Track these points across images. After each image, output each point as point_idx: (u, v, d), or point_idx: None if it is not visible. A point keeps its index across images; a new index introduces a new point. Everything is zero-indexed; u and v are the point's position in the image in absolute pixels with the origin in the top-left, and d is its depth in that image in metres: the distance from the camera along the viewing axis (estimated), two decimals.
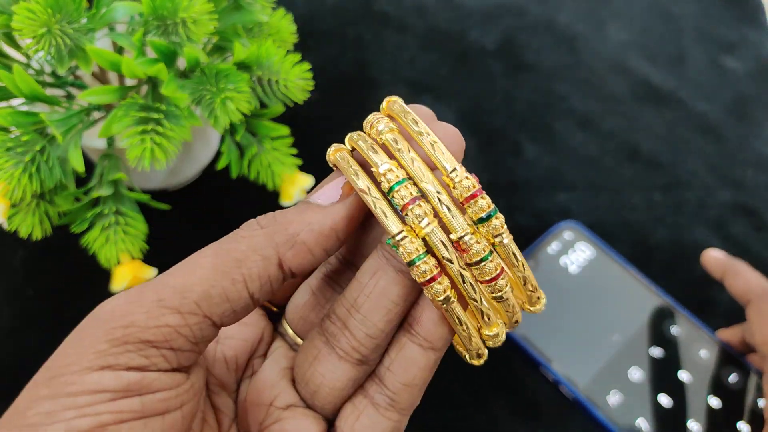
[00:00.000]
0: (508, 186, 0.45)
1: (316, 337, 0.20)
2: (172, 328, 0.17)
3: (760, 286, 0.34)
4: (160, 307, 0.17)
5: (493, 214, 0.18)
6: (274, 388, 0.21)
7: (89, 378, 0.16)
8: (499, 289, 0.18)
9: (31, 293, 0.39)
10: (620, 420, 0.35)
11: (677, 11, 0.56)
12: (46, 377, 0.17)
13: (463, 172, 0.18)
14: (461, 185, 0.18)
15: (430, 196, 0.18)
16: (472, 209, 0.18)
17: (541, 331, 0.38)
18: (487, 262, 0.18)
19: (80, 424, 0.15)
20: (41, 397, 0.16)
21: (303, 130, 0.39)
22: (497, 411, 0.37)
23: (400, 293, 0.19)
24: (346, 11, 0.55)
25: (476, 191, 0.18)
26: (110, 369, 0.16)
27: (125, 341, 0.16)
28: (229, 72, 0.31)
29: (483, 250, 0.18)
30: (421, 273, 0.18)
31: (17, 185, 0.29)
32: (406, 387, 0.19)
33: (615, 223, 0.44)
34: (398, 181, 0.18)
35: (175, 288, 0.17)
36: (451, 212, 0.18)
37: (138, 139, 0.29)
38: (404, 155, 0.18)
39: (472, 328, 0.19)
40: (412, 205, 0.18)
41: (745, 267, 0.36)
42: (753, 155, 0.48)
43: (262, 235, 0.18)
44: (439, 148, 0.18)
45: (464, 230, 0.18)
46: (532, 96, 0.50)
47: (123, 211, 0.33)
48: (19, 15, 0.27)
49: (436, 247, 0.18)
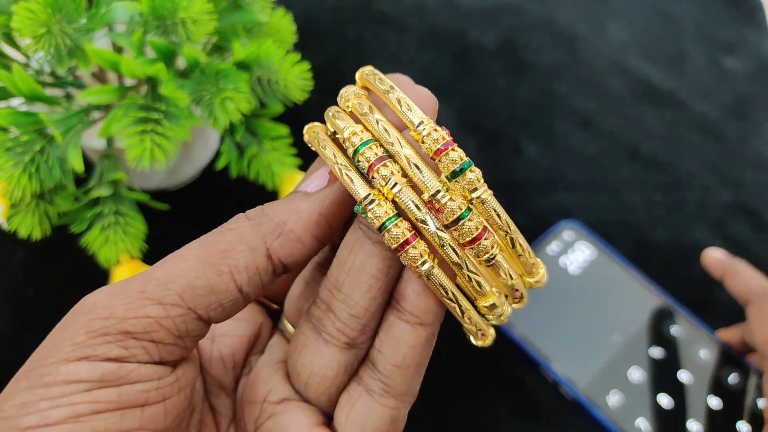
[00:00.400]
0: (508, 186, 0.45)
1: (304, 324, 0.19)
2: (153, 319, 0.16)
3: (760, 286, 0.34)
4: (141, 298, 0.16)
5: (467, 166, 0.16)
6: (268, 383, 0.20)
7: (64, 369, 0.16)
8: (484, 250, 0.16)
9: (30, 293, 0.39)
10: (620, 420, 0.35)
11: (677, 11, 0.56)
12: (25, 370, 0.16)
13: (431, 124, 0.16)
14: (430, 138, 0.16)
15: (396, 156, 0.16)
16: (443, 163, 0.16)
17: (541, 331, 0.38)
18: (465, 220, 0.16)
19: (54, 414, 0.15)
20: (19, 390, 0.16)
21: (303, 130, 0.39)
22: (497, 411, 0.37)
23: (379, 266, 0.18)
24: (346, 11, 0.55)
25: (446, 143, 0.16)
26: (87, 360, 0.16)
27: (104, 332, 0.16)
28: (229, 72, 0.31)
29: (459, 208, 0.16)
30: (393, 237, 0.16)
31: (17, 185, 0.29)
32: (398, 368, 0.18)
33: (615, 223, 0.44)
34: (362, 143, 0.16)
35: (158, 279, 0.17)
36: (420, 170, 0.16)
37: (137, 139, 0.29)
38: (369, 117, 0.17)
39: (461, 299, 0.17)
40: (378, 165, 0.16)
41: (746, 267, 0.36)
42: (753, 155, 0.48)
43: (248, 226, 0.18)
44: (405, 103, 0.17)
45: (435, 187, 0.16)
46: (532, 96, 0.50)
47: (122, 211, 0.33)
48: (19, 15, 0.27)
49: (408, 208, 0.16)
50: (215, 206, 0.43)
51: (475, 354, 0.38)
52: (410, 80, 0.18)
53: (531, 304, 0.39)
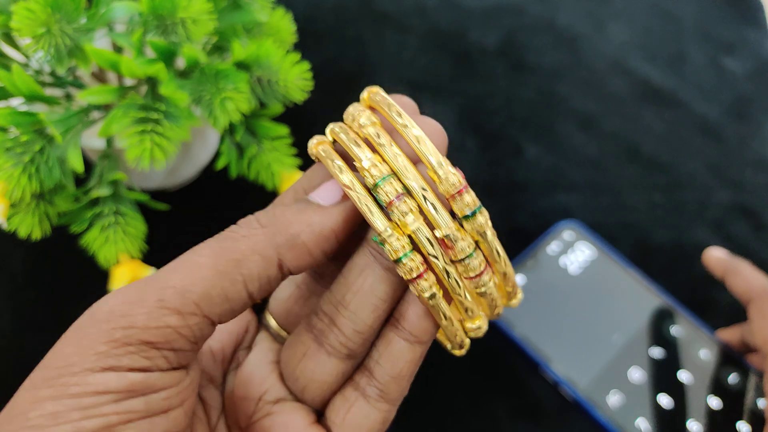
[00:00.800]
0: (508, 186, 0.45)
1: (303, 333, 0.20)
2: (173, 329, 0.17)
3: (761, 286, 0.34)
4: (160, 308, 0.17)
5: (478, 210, 0.18)
6: (264, 383, 0.21)
7: (92, 379, 0.16)
8: (483, 284, 0.18)
9: (30, 293, 0.39)
10: (620, 420, 0.35)
11: (677, 11, 0.56)
12: (45, 377, 0.17)
13: (448, 166, 0.18)
14: (447, 181, 0.18)
15: (414, 193, 0.18)
16: (457, 205, 0.18)
17: (541, 331, 0.38)
18: (472, 259, 0.18)
19: (87, 425, 0.16)
20: (43, 398, 0.16)
21: (302, 130, 0.39)
22: (497, 411, 0.37)
23: (387, 290, 0.19)
24: (346, 11, 0.55)
25: (462, 187, 0.18)
26: (113, 370, 0.16)
27: (126, 342, 0.16)
28: (229, 72, 0.31)
29: (468, 248, 0.18)
30: (407, 270, 0.18)
31: (16, 185, 0.29)
32: (394, 379, 0.20)
33: (615, 224, 0.44)
34: (383, 177, 0.18)
35: (175, 288, 0.17)
36: (437, 210, 0.18)
37: (137, 139, 0.29)
38: (387, 150, 0.18)
39: (456, 322, 0.19)
40: (398, 202, 0.18)
41: (747, 266, 0.36)
42: (753, 156, 0.48)
43: (262, 235, 0.18)
44: (424, 141, 0.18)
45: (449, 228, 0.18)
46: (533, 96, 0.50)
47: (122, 211, 0.33)
48: (19, 15, 0.27)
49: (422, 244, 0.18)
50: (215, 206, 0.43)
51: (475, 354, 0.38)
52: (414, 105, 0.19)
53: (531, 305, 0.39)
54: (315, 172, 0.20)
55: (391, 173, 0.18)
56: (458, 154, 0.46)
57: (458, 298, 0.19)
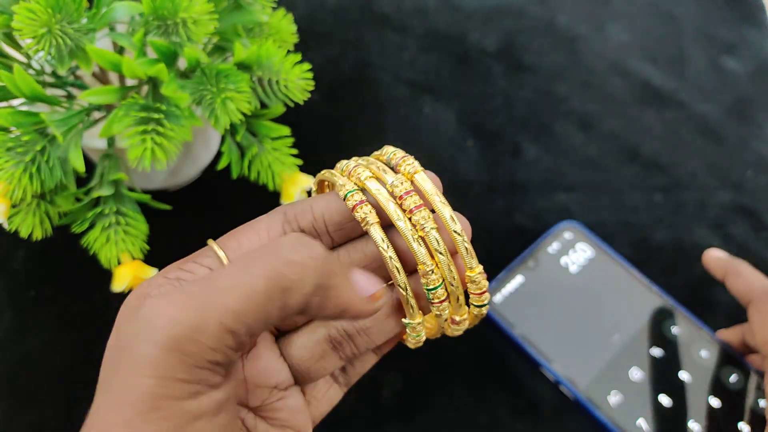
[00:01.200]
0: (508, 186, 0.45)
1: (323, 342, 0.24)
2: (232, 349, 0.19)
3: (762, 286, 0.34)
4: (223, 332, 0.18)
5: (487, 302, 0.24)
6: (278, 375, 0.24)
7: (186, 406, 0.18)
8: None
9: (31, 293, 0.39)
10: (620, 420, 0.35)
11: (677, 12, 0.56)
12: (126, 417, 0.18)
13: (483, 275, 0.23)
14: (477, 285, 0.23)
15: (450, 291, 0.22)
16: (474, 297, 0.23)
17: (541, 331, 0.38)
18: None
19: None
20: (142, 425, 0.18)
21: (303, 131, 0.39)
22: (497, 411, 0.37)
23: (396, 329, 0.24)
24: (347, 12, 0.55)
25: (485, 290, 0.23)
26: (197, 396, 0.18)
27: (198, 366, 0.18)
28: (230, 72, 0.31)
29: None
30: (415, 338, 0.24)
31: (18, 185, 0.29)
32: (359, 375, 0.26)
33: (615, 224, 0.44)
34: (437, 285, 0.22)
35: (235, 313, 0.18)
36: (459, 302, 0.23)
37: (138, 139, 0.29)
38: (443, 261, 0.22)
39: None
40: (438, 301, 0.22)
41: (747, 267, 0.36)
42: (753, 156, 0.48)
43: (312, 270, 0.20)
44: (469, 250, 0.22)
45: None
46: (533, 97, 0.50)
47: (123, 211, 0.33)
48: (20, 15, 0.27)
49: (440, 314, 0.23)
50: (216, 206, 0.43)
51: (476, 354, 0.38)
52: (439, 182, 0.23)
53: (531, 305, 0.39)
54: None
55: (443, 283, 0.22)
56: (458, 155, 0.46)
57: None
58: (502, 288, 0.40)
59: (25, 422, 0.35)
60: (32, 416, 0.35)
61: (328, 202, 0.23)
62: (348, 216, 0.23)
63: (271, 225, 0.23)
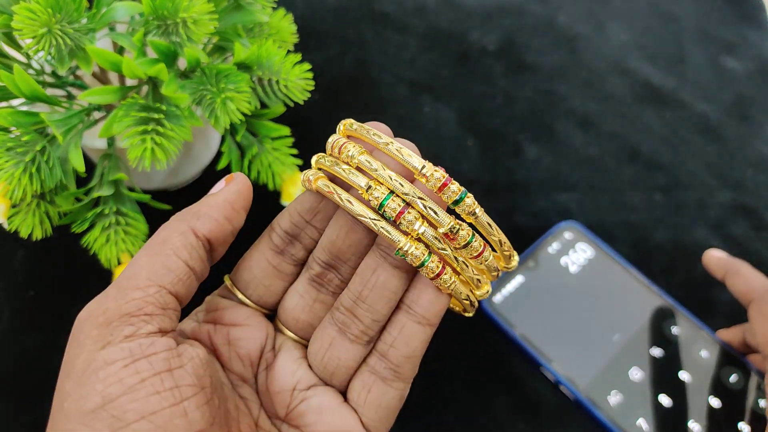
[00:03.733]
0: (508, 186, 0.45)
1: (328, 327, 0.24)
2: (139, 300, 0.20)
3: (762, 286, 0.34)
4: (122, 290, 0.21)
5: (464, 195, 0.21)
6: (295, 375, 0.24)
7: (99, 356, 0.19)
8: (485, 259, 0.22)
9: (31, 293, 0.39)
10: (621, 420, 0.35)
11: (677, 11, 0.56)
12: (62, 377, 0.20)
13: (430, 166, 0.21)
14: (433, 177, 0.21)
15: (414, 204, 0.21)
16: (446, 195, 0.21)
17: (542, 331, 0.38)
18: (473, 242, 0.21)
19: (112, 390, 0.19)
20: (68, 390, 0.19)
21: (303, 131, 0.39)
22: (498, 411, 0.37)
23: (398, 284, 0.23)
24: (347, 11, 0.55)
25: (446, 180, 0.21)
26: (110, 345, 0.20)
27: (109, 322, 0.20)
28: (230, 72, 0.31)
29: (467, 235, 0.21)
30: (430, 270, 0.21)
31: (17, 185, 0.29)
32: (408, 359, 0.23)
33: (615, 224, 0.44)
34: (385, 196, 0.21)
35: (127, 277, 0.21)
36: (436, 212, 0.21)
37: (138, 139, 0.29)
38: (382, 173, 0.21)
39: (472, 296, 0.23)
40: (404, 214, 0.21)
41: (747, 267, 0.36)
42: (753, 155, 0.48)
43: (175, 220, 0.23)
44: (405, 152, 0.21)
45: (449, 223, 0.21)
46: (533, 96, 0.50)
47: (123, 211, 0.33)
48: (20, 15, 0.27)
49: (432, 243, 0.21)
50: None
51: (476, 353, 0.38)
52: (389, 129, 0.23)
53: (531, 305, 0.39)
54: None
55: (390, 191, 0.21)
56: (458, 154, 0.46)
57: (468, 277, 0.22)
58: (502, 288, 0.40)
59: (25, 422, 0.35)
60: (32, 416, 0.35)
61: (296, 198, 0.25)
62: (317, 199, 0.24)
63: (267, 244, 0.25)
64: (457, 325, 0.39)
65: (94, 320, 0.20)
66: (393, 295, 0.23)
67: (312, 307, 0.25)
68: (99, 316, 0.20)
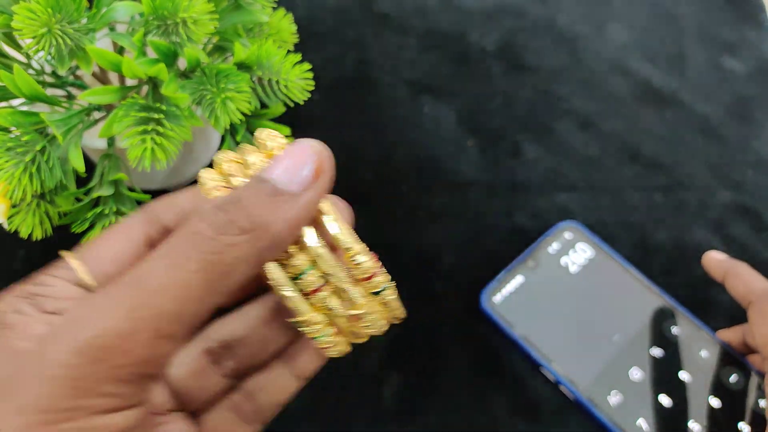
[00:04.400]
0: (508, 186, 0.45)
1: (200, 357, 0.22)
2: (166, 353, 0.17)
3: (761, 288, 0.34)
4: (157, 338, 0.16)
5: (387, 288, 0.20)
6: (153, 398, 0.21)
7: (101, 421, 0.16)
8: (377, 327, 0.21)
9: None
10: (621, 420, 0.35)
11: (678, 12, 0.56)
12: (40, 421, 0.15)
13: (363, 253, 0.19)
14: (361, 267, 0.20)
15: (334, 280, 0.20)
16: (371, 284, 0.20)
17: (542, 331, 0.38)
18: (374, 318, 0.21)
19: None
20: None
21: (303, 131, 0.39)
22: (497, 411, 0.37)
23: (286, 342, 0.22)
24: (347, 11, 0.55)
25: (374, 272, 0.20)
26: (119, 412, 0.16)
27: (128, 380, 0.16)
28: (230, 72, 0.31)
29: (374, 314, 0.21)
30: (326, 342, 0.21)
31: (17, 185, 0.29)
32: (276, 406, 0.22)
33: (615, 224, 0.44)
34: (306, 267, 0.19)
35: (170, 316, 0.16)
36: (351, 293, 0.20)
37: (138, 139, 0.29)
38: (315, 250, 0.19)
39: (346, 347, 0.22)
40: (319, 291, 0.20)
41: (747, 268, 0.36)
42: (753, 156, 0.48)
43: (246, 243, 0.17)
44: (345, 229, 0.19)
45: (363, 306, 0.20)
46: (533, 97, 0.50)
47: (124, 211, 0.33)
48: (20, 15, 0.27)
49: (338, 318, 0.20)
50: None
51: (476, 354, 0.38)
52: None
53: (531, 305, 0.39)
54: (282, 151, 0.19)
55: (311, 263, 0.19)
56: (458, 154, 0.46)
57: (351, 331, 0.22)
58: (502, 288, 0.40)
59: None
60: None
61: (194, 194, 0.20)
62: None
63: (131, 227, 0.20)
64: (457, 325, 0.39)
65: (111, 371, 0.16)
66: (278, 349, 0.22)
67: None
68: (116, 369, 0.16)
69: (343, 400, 0.26)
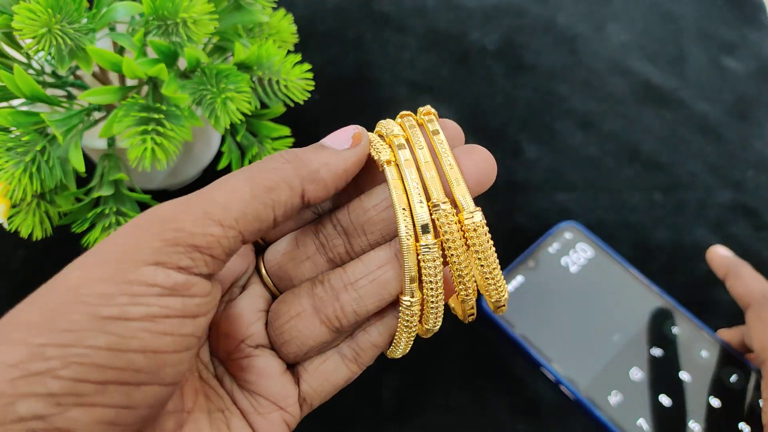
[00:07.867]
0: (508, 186, 0.45)
1: (304, 296, 0.22)
2: (215, 238, 0.19)
3: (761, 292, 0.34)
4: (206, 218, 0.19)
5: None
6: (249, 328, 0.23)
7: (145, 271, 0.18)
8: None
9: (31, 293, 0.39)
10: (621, 420, 0.35)
11: (677, 11, 0.56)
12: (98, 261, 0.18)
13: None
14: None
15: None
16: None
17: (542, 331, 0.38)
18: None
19: (133, 311, 0.17)
20: (95, 279, 0.18)
21: (303, 131, 0.39)
22: (497, 411, 0.37)
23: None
24: (347, 12, 0.55)
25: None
26: (162, 266, 0.18)
27: (176, 243, 0.18)
28: (230, 72, 0.31)
29: None
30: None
31: (18, 185, 0.29)
32: (375, 347, 0.23)
33: (615, 224, 0.44)
34: None
35: (219, 204, 0.19)
36: None
37: (139, 139, 0.29)
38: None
39: None
40: None
41: (748, 270, 0.36)
42: (753, 156, 0.48)
43: (289, 169, 0.21)
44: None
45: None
46: (533, 96, 0.50)
47: (124, 211, 0.33)
48: (20, 15, 0.27)
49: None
50: None
51: (476, 354, 0.38)
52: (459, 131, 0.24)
53: (531, 305, 0.39)
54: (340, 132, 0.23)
55: None
56: None
57: None
58: None
59: None
60: None
61: None
62: None
63: None
64: (457, 326, 0.39)
65: (164, 231, 0.18)
66: (389, 297, 0.22)
67: (302, 263, 0.23)
68: (170, 230, 0.18)
69: (343, 400, 0.26)
